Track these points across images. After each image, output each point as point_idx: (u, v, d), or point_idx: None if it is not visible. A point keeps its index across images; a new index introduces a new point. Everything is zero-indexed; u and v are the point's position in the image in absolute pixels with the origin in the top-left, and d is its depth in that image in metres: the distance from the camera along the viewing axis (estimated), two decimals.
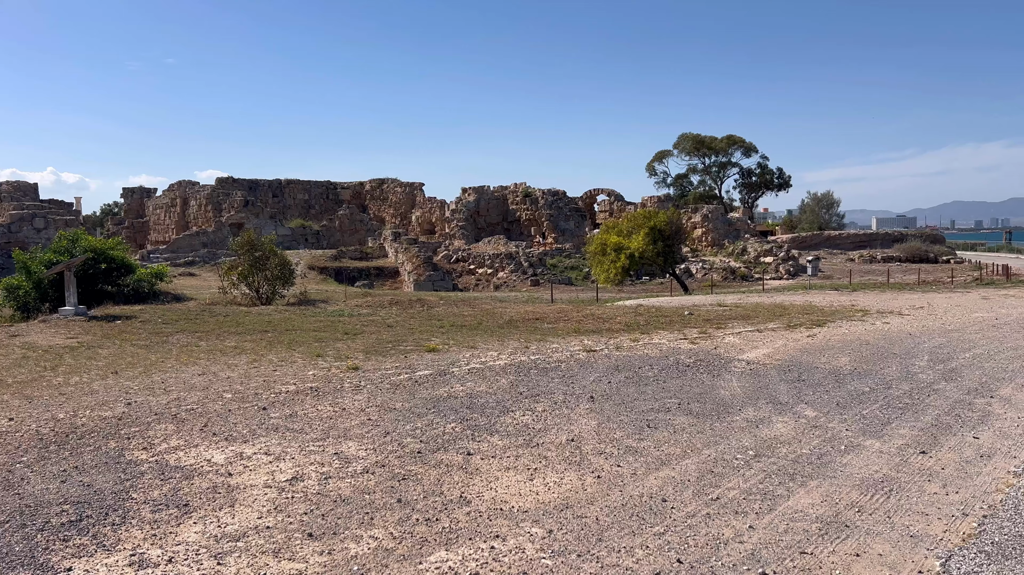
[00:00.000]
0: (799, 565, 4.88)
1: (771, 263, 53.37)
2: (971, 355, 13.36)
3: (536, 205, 64.46)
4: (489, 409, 9.05)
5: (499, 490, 6.25)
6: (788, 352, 13.72)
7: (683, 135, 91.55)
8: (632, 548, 5.12)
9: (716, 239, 62.70)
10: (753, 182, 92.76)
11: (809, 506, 5.95)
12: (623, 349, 14.01)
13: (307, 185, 75.63)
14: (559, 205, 64.37)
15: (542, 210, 63.81)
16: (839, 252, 67.02)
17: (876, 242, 73.64)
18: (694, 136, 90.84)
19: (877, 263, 58.12)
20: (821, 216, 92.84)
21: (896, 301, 25.14)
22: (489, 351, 13.47)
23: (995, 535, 5.40)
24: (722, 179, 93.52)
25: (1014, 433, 8.23)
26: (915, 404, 9.56)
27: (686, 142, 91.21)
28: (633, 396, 9.92)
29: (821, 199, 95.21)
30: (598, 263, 37.57)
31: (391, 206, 75.42)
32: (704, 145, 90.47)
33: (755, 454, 7.34)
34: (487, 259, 48.39)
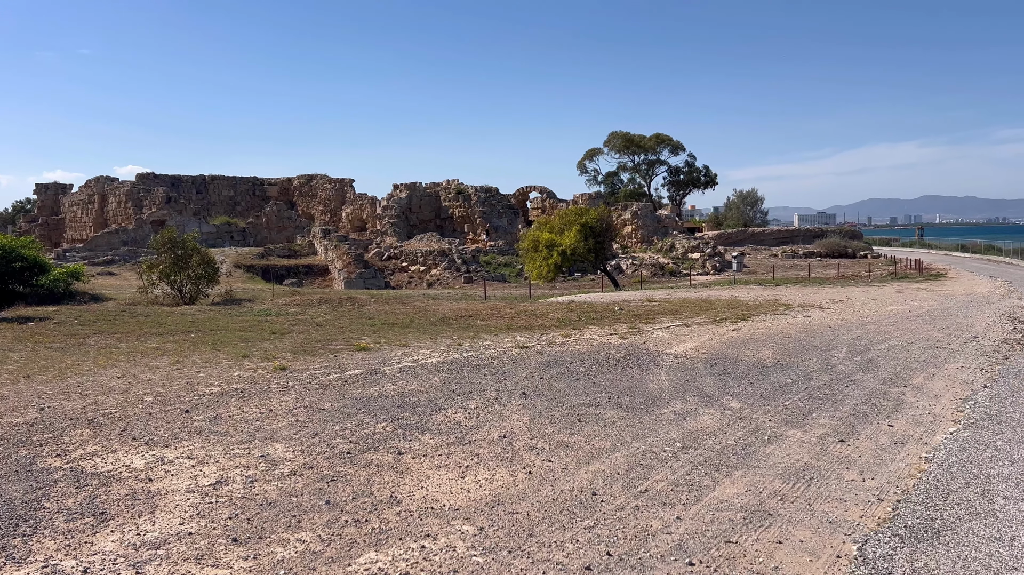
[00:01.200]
0: (724, 554, 4.99)
1: (698, 259, 54.57)
2: (886, 346, 13.93)
3: (469, 202, 64.32)
4: (421, 407, 8.98)
5: (430, 489, 6.20)
6: (714, 346, 14.04)
7: (613, 133, 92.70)
8: (563, 542, 5.15)
9: (645, 236, 63.76)
10: (681, 180, 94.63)
11: (734, 496, 6.10)
12: (555, 345, 14.10)
13: (232, 181, 73.62)
14: (492, 202, 64.40)
15: (475, 207, 63.73)
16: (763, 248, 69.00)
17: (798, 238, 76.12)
18: (624, 134, 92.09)
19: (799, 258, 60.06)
20: (746, 213, 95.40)
21: (817, 295, 26.03)
22: (421, 349, 13.38)
23: (908, 519, 5.63)
24: (651, 177, 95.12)
25: (925, 420, 8.61)
26: (834, 394, 9.90)
27: (616, 140, 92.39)
28: (565, 391, 9.99)
29: (746, 197, 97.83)
30: (531, 260, 37.74)
31: (320, 203, 74.13)
32: (633, 143, 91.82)
33: (682, 446, 7.48)
34: (420, 256, 48.06)
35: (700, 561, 4.87)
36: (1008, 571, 4.74)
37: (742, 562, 4.87)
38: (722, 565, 4.82)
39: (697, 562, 4.86)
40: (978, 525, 5.49)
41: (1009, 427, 8.21)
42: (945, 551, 5.04)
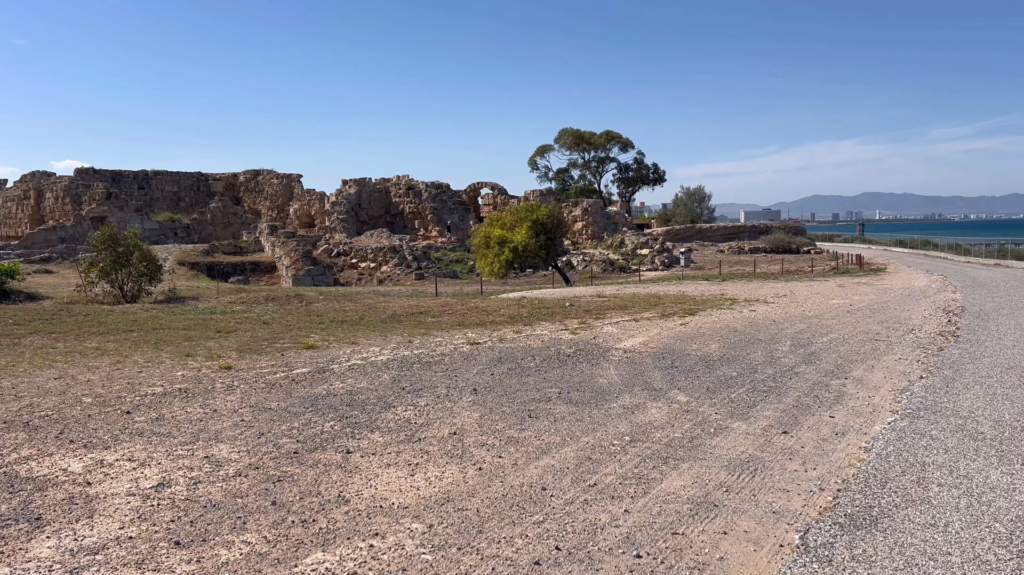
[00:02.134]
0: (671, 545, 5.06)
1: (647, 255, 55.22)
2: (828, 339, 14.29)
3: (420, 198, 63.96)
4: (370, 406, 8.90)
5: (379, 487, 6.15)
6: (662, 340, 14.22)
7: (564, 130, 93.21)
8: (512, 538, 5.16)
9: (596, 232, 64.27)
10: (630, 177, 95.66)
11: (681, 488, 6.19)
12: (506, 341, 14.11)
13: (176, 176, 71.85)
14: (443, 198, 64.15)
15: (426, 203, 63.40)
16: (710, 244, 70.14)
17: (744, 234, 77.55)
18: (574, 131, 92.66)
19: (745, 254, 61.22)
20: (693, 209, 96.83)
21: (762, 290, 26.57)
22: (371, 347, 13.26)
23: (848, 507, 5.79)
24: (601, 174, 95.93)
25: (865, 411, 8.86)
26: (778, 387, 10.12)
27: (567, 137, 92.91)
28: (515, 387, 10.01)
29: (693, 193, 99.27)
30: (483, 256, 37.73)
31: (267, 198, 72.88)
32: (584, 140, 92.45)
33: (631, 439, 7.57)
34: (370, 253, 47.62)
35: (647, 553, 4.93)
36: (942, 556, 4.91)
37: (688, 553, 4.95)
38: (669, 557, 4.89)
39: (644, 554, 4.92)
40: (914, 512, 5.67)
41: (943, 417, 8.50)
42: (883, 538, 5.20)
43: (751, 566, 4.78)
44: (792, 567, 4.75)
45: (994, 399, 9.29)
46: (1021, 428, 7.94)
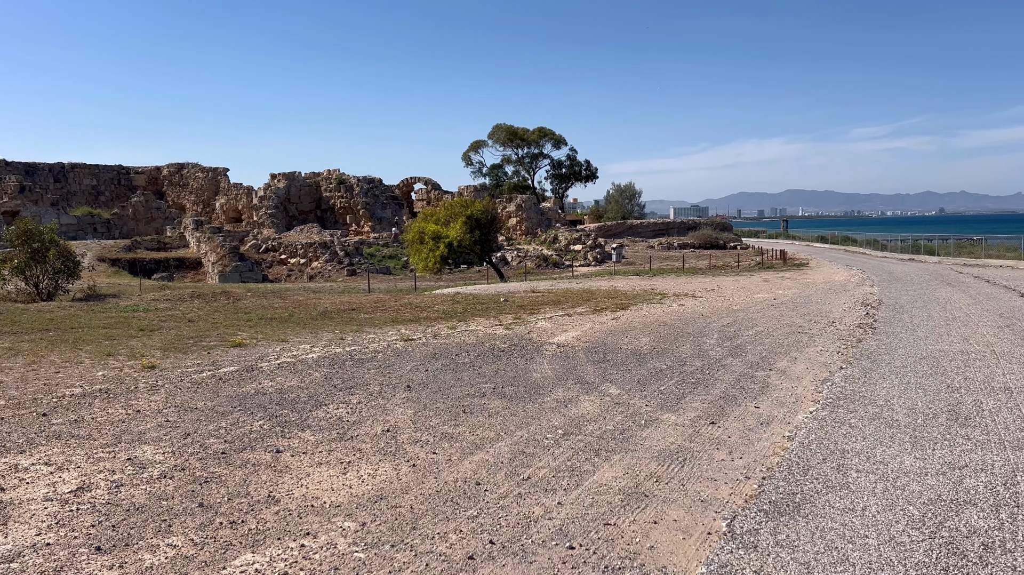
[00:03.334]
0: (603, 536, 5.14)
1: (580, 251, 55.79)
2: (754, 332, 14.72)
3: (351, 193, 63.10)
4: (301, 404, 8.75)
5: (310, 486, 6.06)
6: (595, 334, 14.41)
7: (497, 126, 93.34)
8: (446, 533, 5.15)
9: (530, 228, 64.58)
10: (563, 173, 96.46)
11: (613, 479, 6.29)
12: (441, 337, 14.07)
13: (95, 169, 69.03)
14: (375, 193, 63.45)
15: (358, 198, 62.59)
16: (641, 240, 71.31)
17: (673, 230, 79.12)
18: (508, 127, 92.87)
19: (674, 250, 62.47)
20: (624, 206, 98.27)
21: (690, 284, 27.18)
22: (301, 344, 13.03)
23: (772, 495, 5.98)
24: (535, 170, 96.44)
25: (788, 401, 9.16)
26: (706, 379, 10.37)
27: (500, 133, 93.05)
28: (450, 383, 9.99)
29: (624, 190, 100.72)
30: (416, 252, 37.50)
31: (192, 193, 70.77)
32: (517, 136, 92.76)
33: (564, 433, 7.65)
34: (300, 249, 46.76)
35: (580, 544, 5.00)
36: (859, 539, 5.12)
37: (620, 543, 5.03)
38: (601, 547, 4.96)
39: (577, 545, 4.98)
40: (834, 497, 5.89)
41: (861, 405, 8.85)
42: (805, 523, 5.39)
43: (680, 554, 4.89)
44: (719, 554, 4.88)
45: (908, 388, 9.73)
46: (933, 415, 8.33)
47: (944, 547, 4.96)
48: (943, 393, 9.40)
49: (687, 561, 4.80)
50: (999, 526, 5.28)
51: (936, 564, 4.72)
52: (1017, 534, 5.14)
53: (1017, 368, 10.86)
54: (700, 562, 4.78)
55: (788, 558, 4.82)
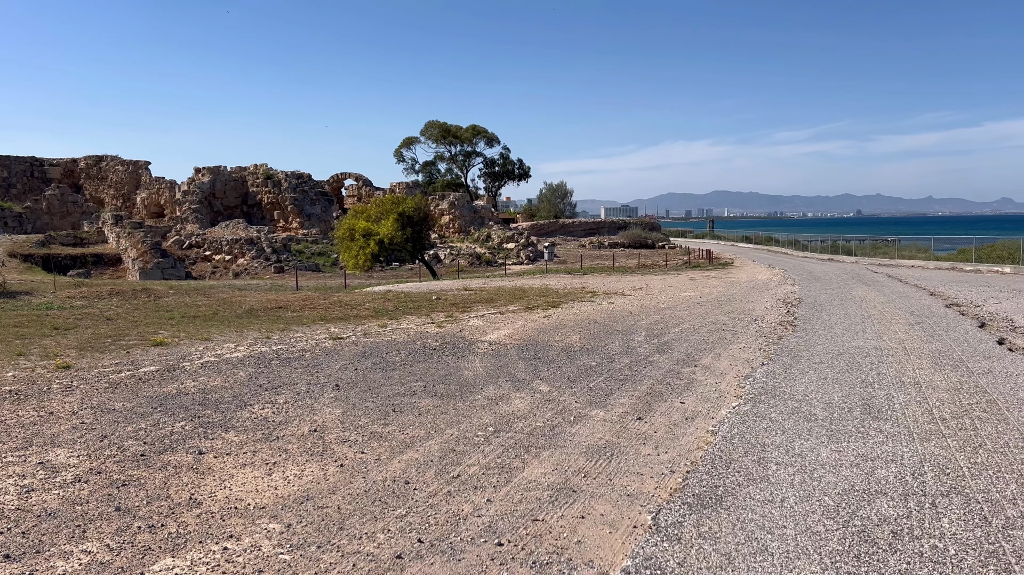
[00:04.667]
0: (531, 532, 5.18)
1: (513, 249, 56.00)
2: (680, 330, 15.04)
3: (279, 188, 61.77)
4: (224, 404, 8.54)
5: (234, 488, 5.92)
6: (526, 332, 14.49)
7: (430, 122, 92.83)
8: (374, 533, 5.11)
9: (463, 226, 64.47)
10: (496, 172, 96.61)
11: (542, 475, 6.34)
12: (371, 335, 13.93)
13: (5, 160, 65.67)
14: (304, 188, 62.26)
15: (286, 193, 61.31)
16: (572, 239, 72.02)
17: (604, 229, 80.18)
18: (441, 124, 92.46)
19: (605, 249, 63.31)
20: (557, 205, 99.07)
21: (620, 283, 27.60)
22: (226, 343, 12.71)
23: (696, 488, 6.13)
24: (467, 168, 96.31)
25: (712, 397, 9.40)
26: (634, 375, 10.55)
27: (433, 130, 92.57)
28: (380, 382, 9.90)
29: (556, 189, 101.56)
30: (347, 249, 36.98)
31: (111, 186, 68.10)
32: (450, 134, 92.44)
33: (495, 430, 7.67)
34: (225, 245, 45.54)
35: (508, 541, 5.02)
36: (778, 529, 5.30)
37: (548, 539, 5.08)
38: (529, 543, 5.00)
39: (506, 542, 5.00)
40: (754, 490, 6.08)
41: (781, 400, 9.15)
42: (727, 515, 5.54)
43: (606, 548, 4.97)
44: (644, 547, 4.98)
45: (825, 383, 10.10)
46: (848, 409, 8.67)
47: (856, 535, 5.17)
48: (858, 388, 9.79)
49: (613, 555, 4.88)
50: (907, 514, 5.54)
51: (849, 552, 4.92)
52: (924, 522, 5.40)
53: (926, 364, 11.40)
54: (626, 555, 4.86)
55: (710, 549, 4.95)
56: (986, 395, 9.29)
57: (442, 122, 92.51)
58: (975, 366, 11.14)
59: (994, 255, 36.06)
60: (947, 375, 10.52)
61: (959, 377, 10.37)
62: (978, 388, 9.67)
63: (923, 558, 4.82)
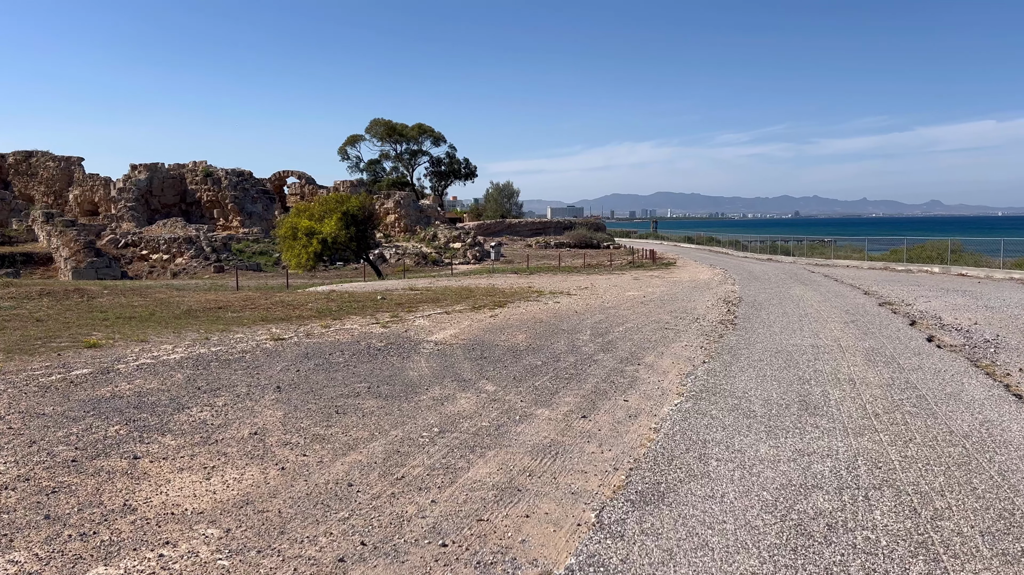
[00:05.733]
0: (476, 532, 5.17)
1: (460, 248, 55.87)
2: (624, 329, 15.21)
3: (219, 186, 60.43)
4: (161, 407, 8.31)
5: (171, 493, 5.76)
6: (473, 332, 14.47)
7: (375, 120, 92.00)
8: (316, 537, 5.03)
9: (408, 225, 64.06)
10: (443, 171, 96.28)
11: (487, 475, 6.33)
12: (314, 336, 13.73)
13: None
14: (245, 186, 61.04)
15: (226, 191, 60.02)
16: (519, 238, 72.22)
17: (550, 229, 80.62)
18: (386, 123, 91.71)
19: (551, 248, 63.65)
20: (503, 205, 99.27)
21: (566, 282, 27.79)
22: (163, 344, 12.37)
23: (639, 485, 6.20)
24: (414, 166, 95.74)
25: (655, 394, 9.53)
26: (579, 374, 10.63)
27: (378, 128, 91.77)
28: (322, 383, 9.76)
29: (503, 189, 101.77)
30: (289, 248, 36.38)
31: (42, 183, 65.63)
32: (396, 132, 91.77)
33: (440, 431, 7.63)
34: (163, 244, 44.36)
35: (453, 541, 5.01)
36: (718, 524, 5.39)
37: (492, 538, 5.08)
38: (473, 543, 4.99)
39: (450, 542, 4.98)
40: (696, 486, 6.18)
41: (722, 397, 9.33)
42: (668, 511, 5.62)
43: (550, 546, 4.99)
44: (588, 544, 5.02)
45: (764, 380, 10.33)
46: (786, 405, 8.89)
47: (794, 529, 5.30)
48: (795, 384, 10.04)
49: (557, 553, 4.90)
50: (842, 507, 5.70)
51: (786, 546, 5.03)
52: (857, 514, 5.57)
53: (860, 360, 11.76)
54: (570, 553, 4.89)
55: (652, 545, 5.01)
56: (916, 391, 9.63)
57: (387, 120, 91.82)
58: (906, 362, 11.53)
59: (924, 255, 37.41)
60: (880, 372, 10.87)
61: (891, 373, 10.73)
62: (908, 384, 10.02)
63: (856, 550, 4.96)
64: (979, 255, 35.62)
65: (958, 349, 12.79)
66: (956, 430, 7.77)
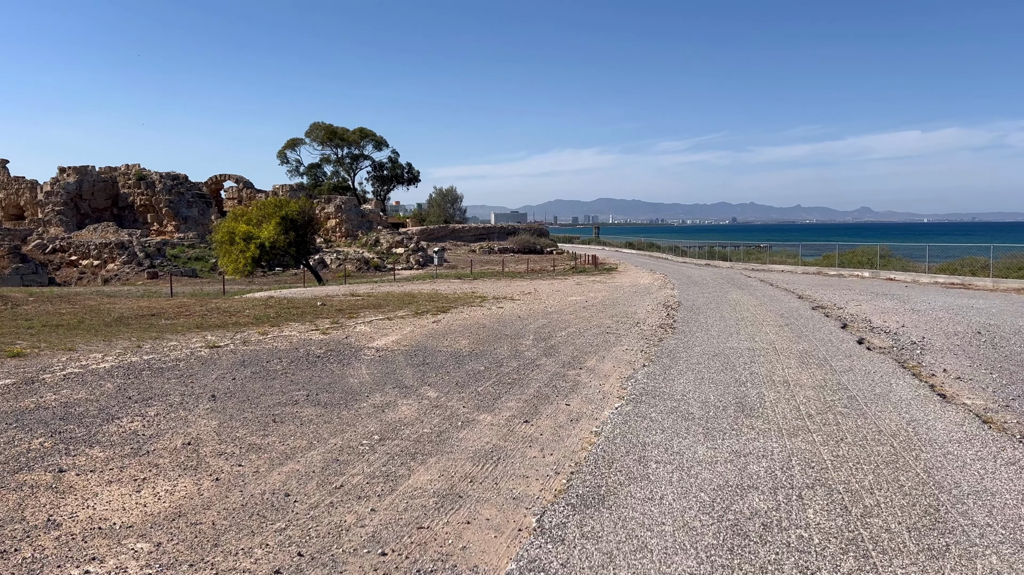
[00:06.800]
0: (416, 540, 5.12)
1: (402, 254, 55.49)
2: (566, 333, 15.31)
3: (153, 189, 58.78)
4: (89, 418, 8.01)
5: (98, 507, 5.55)
6: (415, 338, 14.37)
7: (315, 124, 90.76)
8: (251, 549, 4.91)
9: (350, 230, 63.33)
10: (385, 175, 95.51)
11: (428, 482, 6.28)
12: (251, 343, 13.44)
13: None
14: (180, 190, 59.51)
15: (161, 195, 58.40)
16: (463, 244, 72.12)
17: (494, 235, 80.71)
18: (327, 126, 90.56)
19: (495, 254, 63.73)
20: (447, 210, 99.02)
21: (509, 288, 27.84)
22: (92, 353, 11.95)
23: (579, 488, 6.23)
24: (355, 171, 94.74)
25: (596, 398, 9.60)
26: (521, 379, 10.65)
27: (319, 131, 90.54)
28: (260, 391, 9.56)
29: (447, 194, 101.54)
30: (226, 253, 35.56)
31: None
32: (337, 136, 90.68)
33: (380, 438, 7.54)
34: (93, 249, 42.89)
35: (392, 550, 4.94)
36: (657, 526, 5.45)
37: (433, 546, 5.03)
38: (413, 551, 4.94)
39: (390, 551, 4.92)
40: (635, 488, 6.24)
41: (661, 400, 9.46)
42: (608, 514, 5.66)
43: (491, 552, 4.97)
44: (528, 549, 5.01)
45: (702, 383, 10.51)
46: (723, 407, 9.06)
47: (730, 529, 5.40)
48: (732, 387, 10.24)
49: (498, 559, 4.88)
50: (776, 507, 5.83)
51: (723, 546, 5.12)
52: (791, 513, 5.70)
53: (794, 363, 12.07)
54: (510, 559, 4.88)
55: (592, 549, 5.03)
56: (847, 392, 9.92)
57: (328, 124, 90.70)
58: (838, 364, 11.88)
59: (855, 260, 38.68)
60: (813, 373, 11.17)
61: (824, 375, 11.04)
62: (840, 385, 10.32)
63: (790, 548, 5.08)
64: (906, 260, 37.01)
65: (887, 351, 13.24)
66: (885, 429, 8.03)
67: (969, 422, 8.33)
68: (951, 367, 11.62)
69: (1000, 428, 8.08)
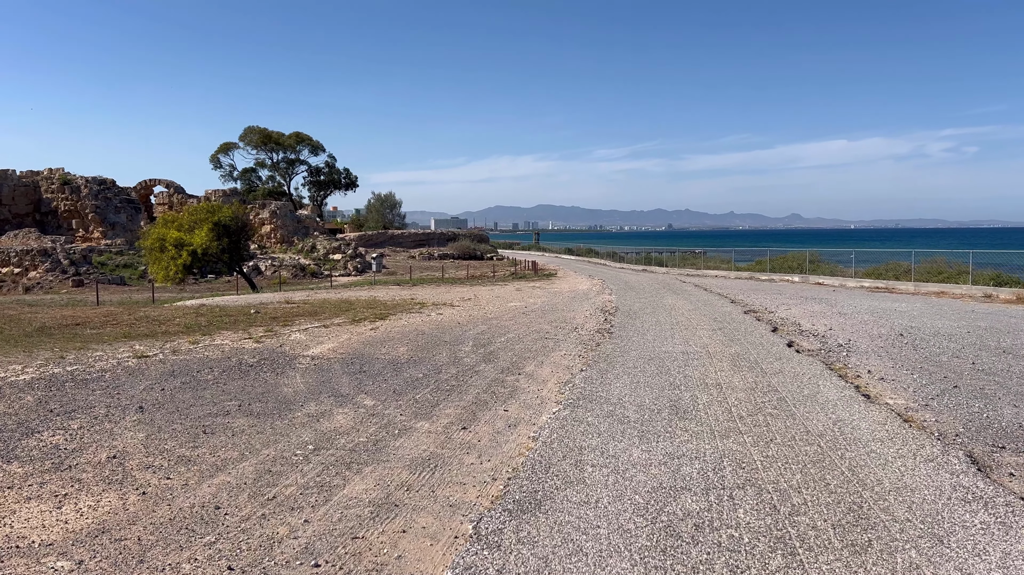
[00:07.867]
0: (350, 550, 5.05)
1: (340, 260, 54.79)
2: (506, 339, 15.34)
3: (79, 194, 56.70)
4: (7, 433, 7.68)
5: (16, 525, 5.32)
6: (352, 345, 14.19)
7: (250, 128, 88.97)
8: (179, 563, 4.77)
9: (286, 236, 62.25)
10: (322, 180, 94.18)
11: (363, 492, 6.21)
12: (181, 353, 13.08)
13: None
14: (108, 195, 57.55)
15: (86, 200, 56.38)
16: (402, 249, 71.62)
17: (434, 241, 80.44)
18: (261, 130, 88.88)
19: (435, 260, 63.48)
20: (386, 216, 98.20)
21: (449, 294, 27.75)
22: (11, 364, 11.46)
23: (516, 494, 6.24)
24: (291, 176, 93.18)
25: (534, 403, 9.64)
26: (460, 385, 10.62)
27: (253, 135, 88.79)
28: (189, 402, 9.30)
29: (385, 199, 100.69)
30: (156, 260, 34.53)
31: None
32: (272, 140, 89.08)
33: (315, 448, 7.43)
34: (13, 256, 41.13)
35: (326, 561, 4.87)
36: (592, 529, 5.51)
37: (367, 556, 4.98)
38: (348, 562, 4.87)
39: (323, 562, 4.85)
40: (572, 492, 6.29)
41: (597, 404, 9.56)
42: (545, 519, 5.69)
43: (427, 560, 4.94)
44: (464, 556, 5.00)
45: (638, 387, 10.67)
46: (658, 410, 9.21)
47: (663, 530, 5.49)
48: (667, 390, 10.42)
49: (434, 567, 4.86)
50: (708, 507, 5.95)
51: (656, 547, 5.20)
52: (723, 513, 5.82)
53: (727, 366, 12.34)
54: (446, 566, 4.86)
55: (528, 554, 5.05)
56: (777, 393, 10.20)
57: (263, 128, 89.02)
58: (768, 367, 12.20)
59: (785, 266, 39.80)
60: (744, 376, 11.44)
61: (755, 378, 11.32)
62: (770, 387, 10.60)
63: (721, 547, 5.19)
64: (835, 265, 38.27)
65: (815, 353, 13.66)
66: (812, 430, 8.28)
67: (891, 421, 8.65)
68: (875, 368, 12.05)
69: (920, 427, 8.42)
